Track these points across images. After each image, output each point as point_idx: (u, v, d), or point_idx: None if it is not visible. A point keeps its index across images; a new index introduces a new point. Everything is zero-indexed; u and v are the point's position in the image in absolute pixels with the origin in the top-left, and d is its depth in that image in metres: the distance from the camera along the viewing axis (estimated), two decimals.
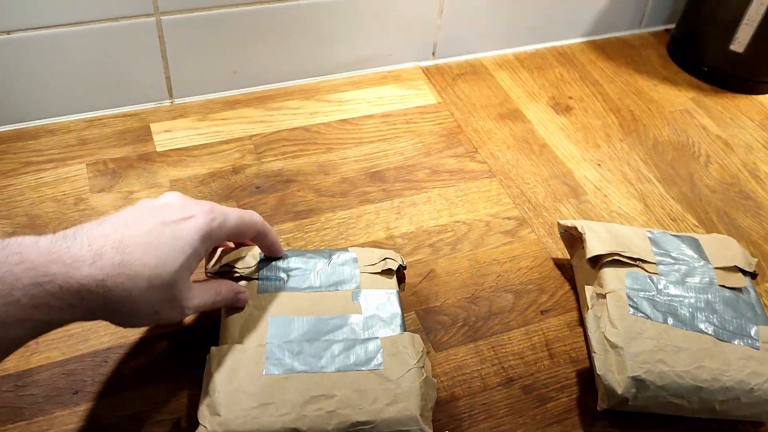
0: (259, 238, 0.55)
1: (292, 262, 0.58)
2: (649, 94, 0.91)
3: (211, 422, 0.47)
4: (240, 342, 0.52)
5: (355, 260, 0.59)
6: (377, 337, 0.53)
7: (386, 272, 0.58)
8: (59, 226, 0.67)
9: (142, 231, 0.45)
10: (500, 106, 0.87)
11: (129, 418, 0.54)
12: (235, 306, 0.54)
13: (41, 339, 0.58)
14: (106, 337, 0.58)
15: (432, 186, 0.75)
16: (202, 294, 0.50)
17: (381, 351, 0.52)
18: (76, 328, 0.59)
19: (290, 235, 0.68)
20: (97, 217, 0.47)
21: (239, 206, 0.70)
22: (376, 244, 0.68)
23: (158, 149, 0.75)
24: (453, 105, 0.86)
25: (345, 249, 0.60)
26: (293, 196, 0.72)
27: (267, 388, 0.49)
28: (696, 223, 0.74)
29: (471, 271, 0.67)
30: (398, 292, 0.58)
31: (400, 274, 0.61)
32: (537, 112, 0.86)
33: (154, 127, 0.78)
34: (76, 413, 0.54)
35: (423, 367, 0.52)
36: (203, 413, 0.48)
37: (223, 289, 0.53)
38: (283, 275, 0.57)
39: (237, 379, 0.49)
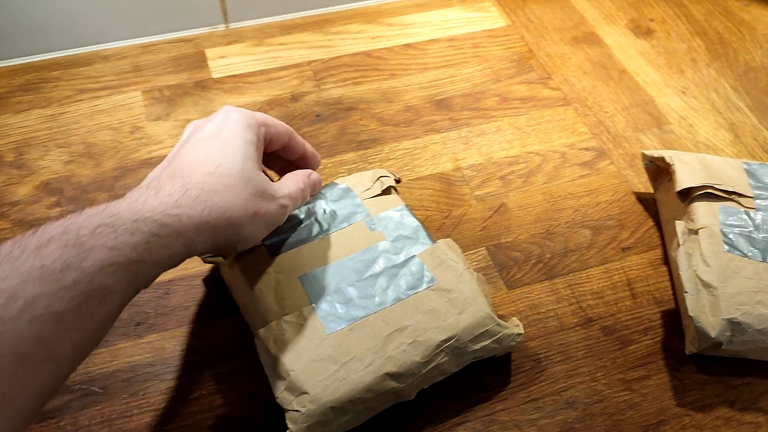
0: (293, 140, 0.51)
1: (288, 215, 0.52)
2: (739, 15, 0.83)
3: (301, 402, 0.44)
4: (282, 313, 0.48)
5: (349, 190, 0.55)
6: (414, 256, 0.51)
7: (385, 192, 0.56)
8: (116, 154, 0.64)
9: (191, 155, 0.44)
10: (575, 29, 0.80)
11: (194, 351, 0.52)
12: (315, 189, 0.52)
13: None
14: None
15: (502, 114, 0.70)
16: (288, 183, 0.48)
17: (424, 267, 0.50)
18: None
19: (353, 165, 0.65)
20: (153, 146, 0.46)
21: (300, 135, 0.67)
22: (443, 177, 0.64)
23: (214, 76, 0.72)
24: (524, 28, 0.80)
25: (332, 183, 0.56)
26: (355, 125, 0.69)
27: (338, 346, 0.46)
28: None
29: (545, 206, 0.63)
30: (406, 206, 0.55)
31: (395, 189, 0.58)
32: (615, 36, 0.80)
33: (209, 53, 0.75)
34: (139, 345, 0.52)
35: (469, 267, 0.51)
36: (286, 398, 0.44)
37: (296, 175, 0.50)
38: (286, 232, 0.52)
39: (303, 351, 0.45)
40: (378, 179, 0.56)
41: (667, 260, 0.59)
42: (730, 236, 0.53)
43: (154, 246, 0.38)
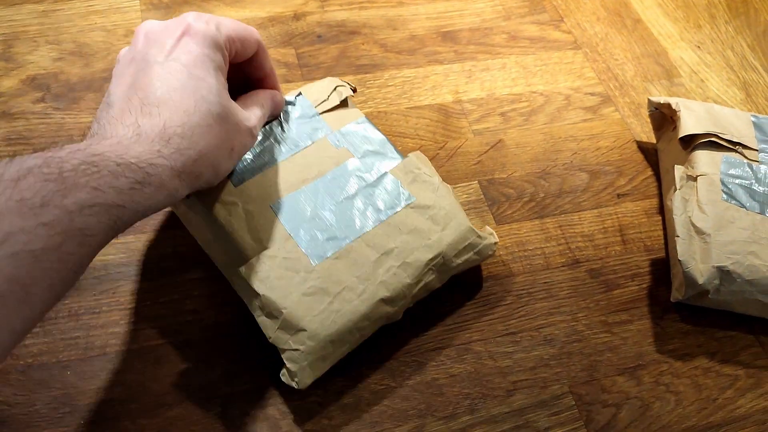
0: (260, 54, 0.46)
1: None
2: None
3: (299, 340, 0.42)
4: (261, 248, 0.44)
5: (306, 102, 0.51)
6: (386, 172, 0.48)
7: (343, 103, 0.52)
8: (107, 56, 0.62)
9: (161, 85, 0.39)
10: None
11: (169, 256, 0.51)
12: (277, 111, 0.48)
13: None
14: None
15: (509, 52, 0.68)
16: (254, 109, 0.45)
17: (399, 184, 0.48)
18: None
19: None
20: None
21: (297, 54, 0.65)
22: (442, 108, 0.62)
23: None
24: None
25: (285, 96, 0.51)
26: (357, 49, 0.66)
27: (327, 277, 0.43)
28: None
29: (544, 146, 0.61)
30: (367, 117, 0.52)
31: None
32: None
33: None
34: (113, 245, 0.51)
35: (441, 180, 0.49)
36: (281, 338, 0.42)
37: (260, 96, 0.47)
38: (247, 157, 0.48)
39: (291, 285, 0.43)
40: (335, 89, 0.52)
41: (662, 210, 0.57)
42: (730, 186, 0.51)
43: (137, 194, 0.35)
